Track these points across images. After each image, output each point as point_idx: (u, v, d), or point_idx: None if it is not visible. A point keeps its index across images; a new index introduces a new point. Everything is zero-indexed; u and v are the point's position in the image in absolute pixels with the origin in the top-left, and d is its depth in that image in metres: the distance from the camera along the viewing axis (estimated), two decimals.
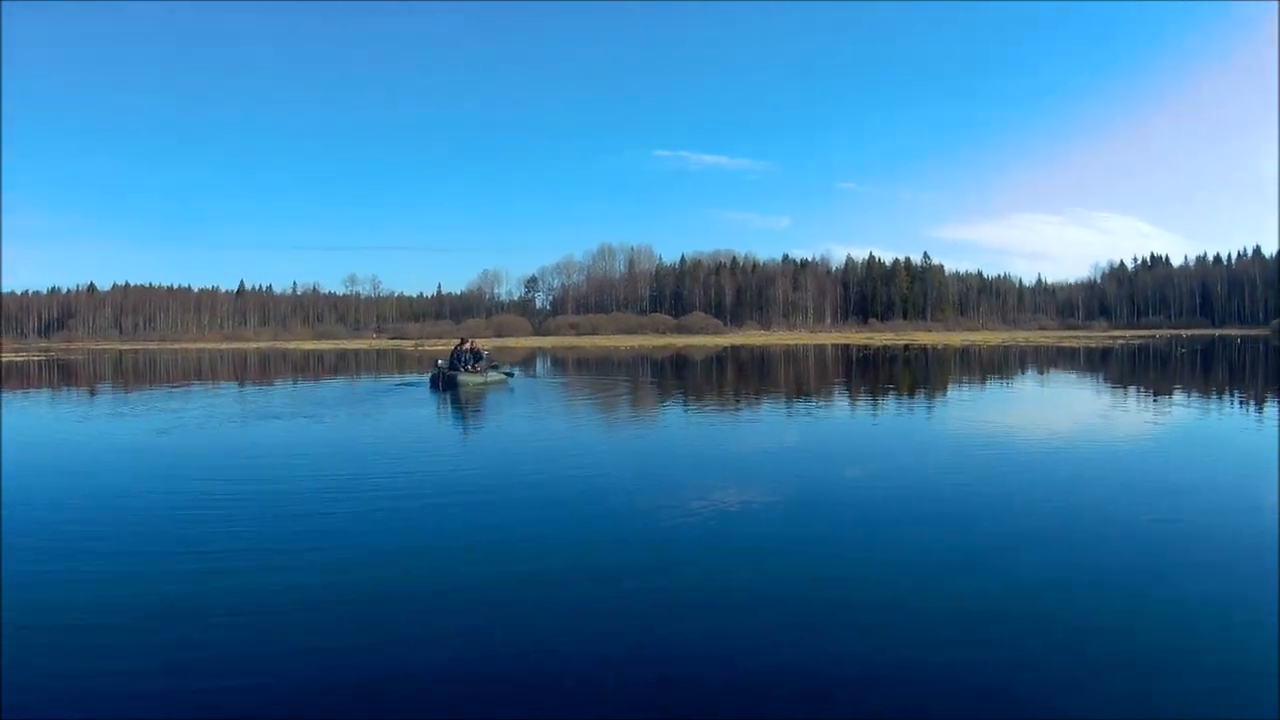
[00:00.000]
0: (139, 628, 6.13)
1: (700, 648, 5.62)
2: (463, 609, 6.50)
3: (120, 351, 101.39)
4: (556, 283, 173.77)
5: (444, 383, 28.45)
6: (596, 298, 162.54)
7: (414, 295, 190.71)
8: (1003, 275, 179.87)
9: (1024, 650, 5.51)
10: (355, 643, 5.80)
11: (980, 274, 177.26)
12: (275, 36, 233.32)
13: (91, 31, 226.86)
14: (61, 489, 11.72)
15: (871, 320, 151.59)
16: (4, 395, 30.90)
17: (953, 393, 26.87)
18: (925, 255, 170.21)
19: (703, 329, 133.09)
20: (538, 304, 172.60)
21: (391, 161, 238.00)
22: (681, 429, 18.39)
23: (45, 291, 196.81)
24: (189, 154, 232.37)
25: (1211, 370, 37.08)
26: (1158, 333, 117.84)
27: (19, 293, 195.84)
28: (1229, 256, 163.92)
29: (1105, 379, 32.35)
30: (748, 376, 36.58)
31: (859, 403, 23.55)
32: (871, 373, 37.57)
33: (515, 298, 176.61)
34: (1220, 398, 23.74)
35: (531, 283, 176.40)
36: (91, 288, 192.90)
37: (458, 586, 7.08)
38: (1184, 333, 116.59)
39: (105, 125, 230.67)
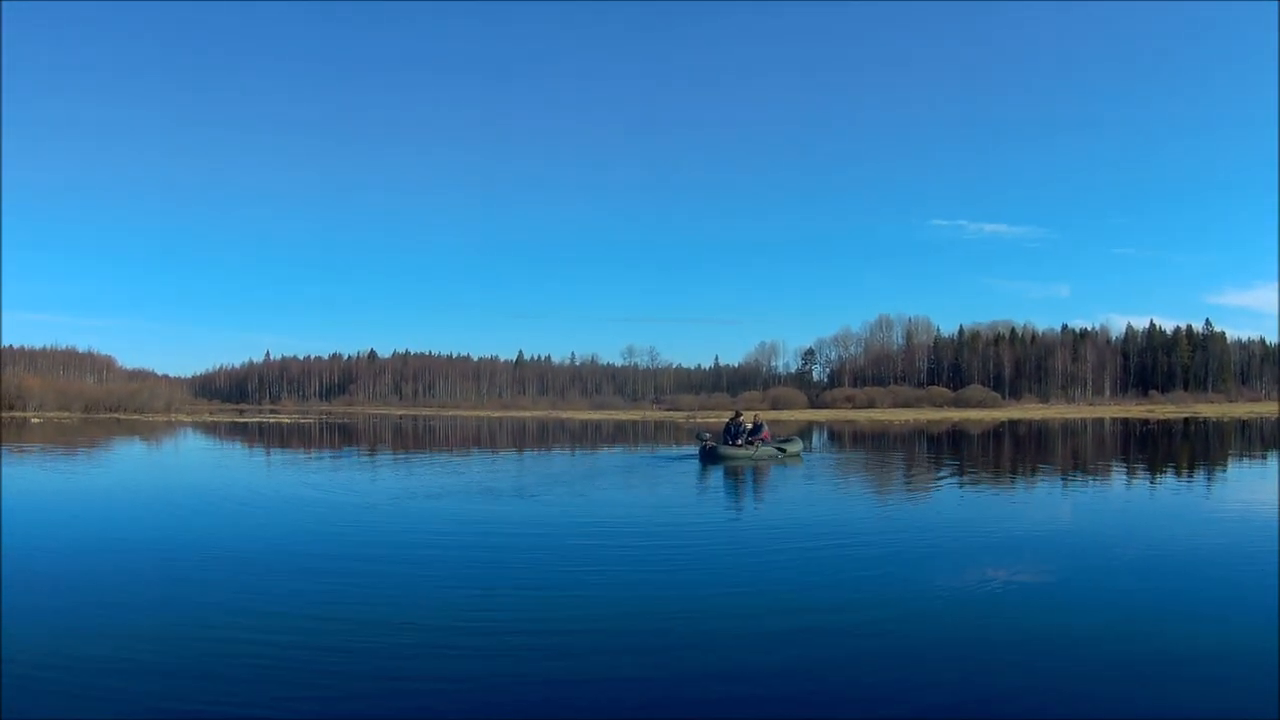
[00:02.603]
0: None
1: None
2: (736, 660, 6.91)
3: (399, 416, 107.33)
4: (833, 355, 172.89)
5: (710, 456, 28.37)
6: (873, 370, 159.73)
7: (691, 367, 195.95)
8: None
9: None
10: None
11: (1263, 340, 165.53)
12: (575, 131, 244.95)
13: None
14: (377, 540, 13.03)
15: (1151, 392, 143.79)
16: (291, 454, 34.25)
17: (1234, 470, 26.06)
18: (1207, 322, 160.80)
19: (980, 402, 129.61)
20: (814, 376, 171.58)
21: (666, 233, 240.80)
22: (953, 505, 18.16)
23: (326, 357, 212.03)
24: (474, 227, 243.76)
25: None
26: None
27: (300, 357, 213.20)
28: None
29: None
30: (1025, 452, 35.90)
31: (1136, 480, 23.11)
32: (1151, 448, 36.43)
33: (792, 370, 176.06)
34: None
35: (808, 355, 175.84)
36: (372, 354, 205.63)
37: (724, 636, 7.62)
38: None
39: (394, 199, 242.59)
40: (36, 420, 66.59)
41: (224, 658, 6.86)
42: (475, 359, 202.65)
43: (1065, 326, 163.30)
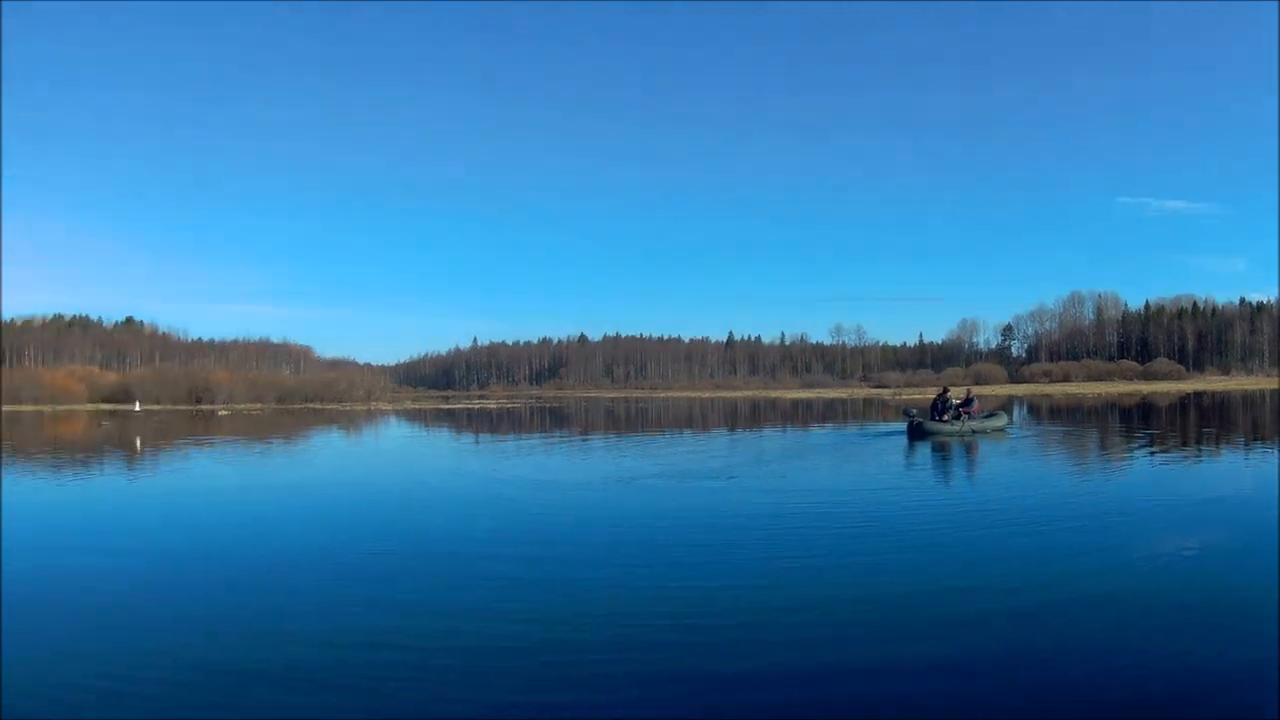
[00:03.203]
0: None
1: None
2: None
3: (612, 399, 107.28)
4: (1030, 330, 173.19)
5: (917, 431, 28.47)
6: (1067, 344, 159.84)
7: (897, 344, 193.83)
8: None
9: None
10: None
11: None
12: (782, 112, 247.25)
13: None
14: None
15: None
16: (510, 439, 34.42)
17: None
18: None
19: (1167, 375, 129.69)
20: (1013, 352, 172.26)
21: (875, 211, 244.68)
22: (1138, 477, 18.37)
23: (536, 341, 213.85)
24: (677, 212, 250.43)
25: None
26: None
27: (509, 343, 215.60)
28: None
29: None
30: (1203, 424, 35.87)
31: None
32: None
33: (992, 346, 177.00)
34: None
35: (1007, 331, 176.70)
36: (583, 338, 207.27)
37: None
38: None
39: (598, 186, 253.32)
40: (224, 413, 64.87)
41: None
42: (686, 340, 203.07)
43: (1243, 300, 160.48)
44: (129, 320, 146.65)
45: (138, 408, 76.19)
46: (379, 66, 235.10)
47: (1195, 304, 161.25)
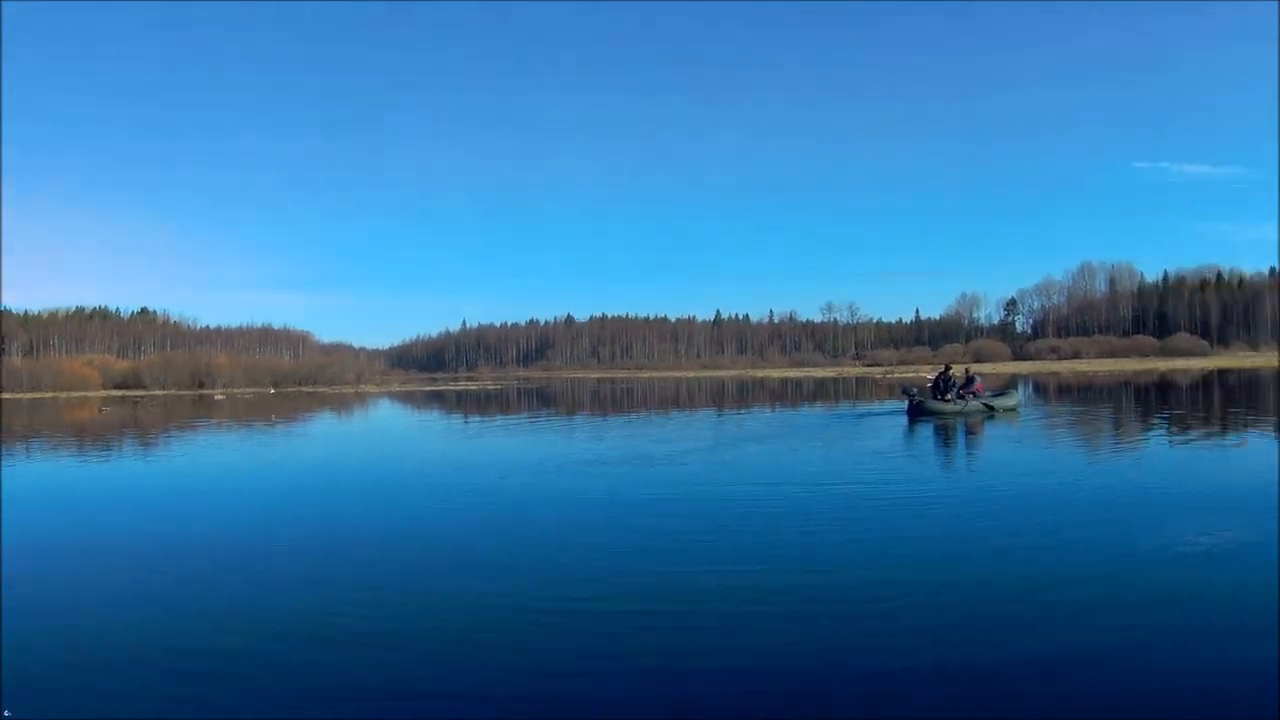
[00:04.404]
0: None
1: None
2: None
3: (598, 380, 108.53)
4: (1036, 305, 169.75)
5: (918, 411, 27.95)
6: (1077, 319, 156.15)
7: (891, 321, 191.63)
8: None
9: None
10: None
11: None
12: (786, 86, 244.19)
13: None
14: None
15: None
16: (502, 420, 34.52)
17: None
18: None
19: (1188, 351, 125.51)
20: (1017, 327, 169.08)
21: (865, 187, 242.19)
22: (1157, 460, 17.80)
23: (524, 323, 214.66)
24: (663, 190, 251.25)
25: None
26: None
27: (496, 325, 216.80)
28: None
29: None
30: (1228, 405, 33.85)
31: None
32: None
33: (994, 321, 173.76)
34: None
35: (1010, 305, 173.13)
36: (569, 319, 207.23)
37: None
38: None
39: (589, 167, 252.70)
40: (220, 397, 69.08)
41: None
42: (673, 320, 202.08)
43: (1274, 269, 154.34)
44: (143, 310, 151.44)
45: (140, 395, 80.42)
46: (361, 58, 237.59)
47: (1220, 274, 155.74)
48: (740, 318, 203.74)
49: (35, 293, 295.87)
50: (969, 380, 29.42)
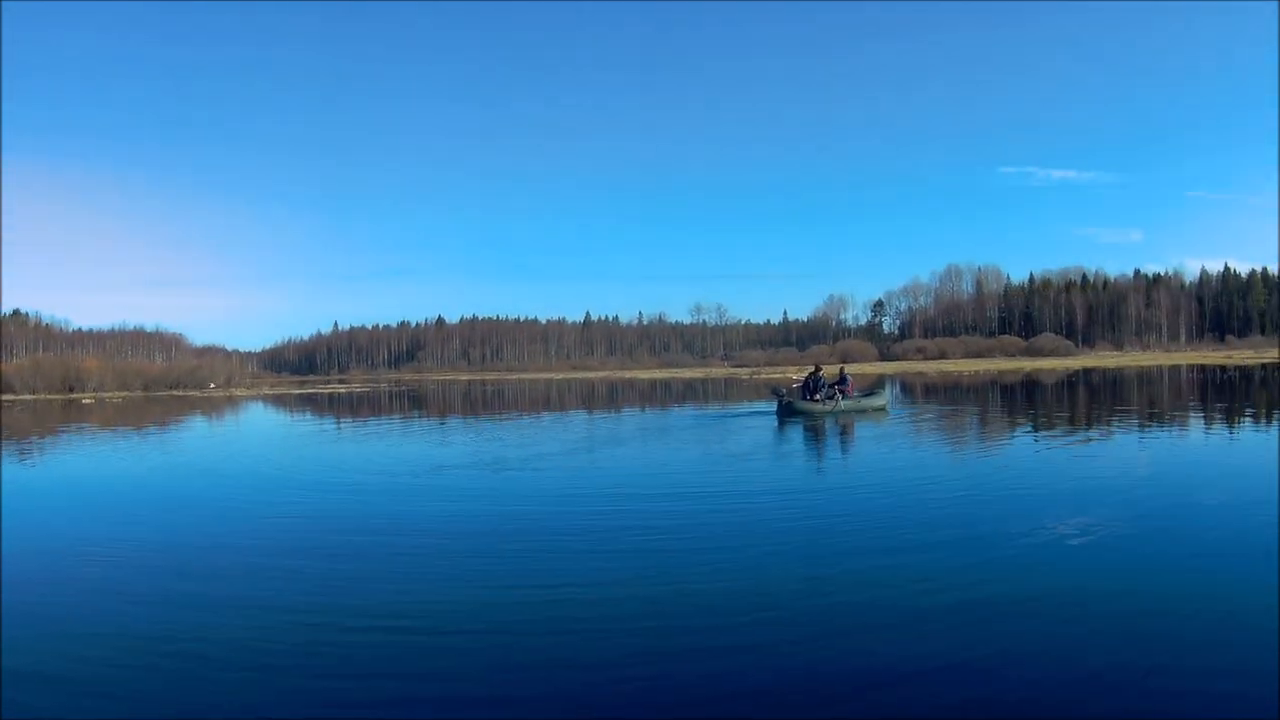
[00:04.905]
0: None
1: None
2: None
3: (468, 382, 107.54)
4: (903, 306, 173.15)
5: (788, 411, 27.97)
6: (944, 320, 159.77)
7: (760, 323, 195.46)
8: None
9: None
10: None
11: None
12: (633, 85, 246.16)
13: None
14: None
15: (1228, 337, 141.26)
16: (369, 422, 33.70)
17: None
18: None
19: (1053, 351, 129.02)
20: (885, 328, 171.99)
21: (736, 189, 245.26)
22: (1029, 457, 17.64)
23: (395, 325, 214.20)
24: (536, 193, 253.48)
25: None
26: None
27: (369, 327, 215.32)
28: None
29: None
30: (1093, 402, 34.56)
31: (1211, 429, 22.48)
32: (1230, 396, 35.01)
33: (861, 323, 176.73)
34: None
35: (878, 307, 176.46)
36: (440, 321, 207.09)
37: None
38: None
39: (452, 170, 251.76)
40: (88, 401, 66.95)
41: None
42: (543, 321, 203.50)
43: (1138, 272, 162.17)
44: (15, 313, 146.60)
45: (11, 399, 76.93)
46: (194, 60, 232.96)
47: (1085, 276, 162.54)
48: (610, 319, 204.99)
49: None
50: (842, 379, 29.50)
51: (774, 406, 29.15)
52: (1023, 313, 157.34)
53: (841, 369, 31.46)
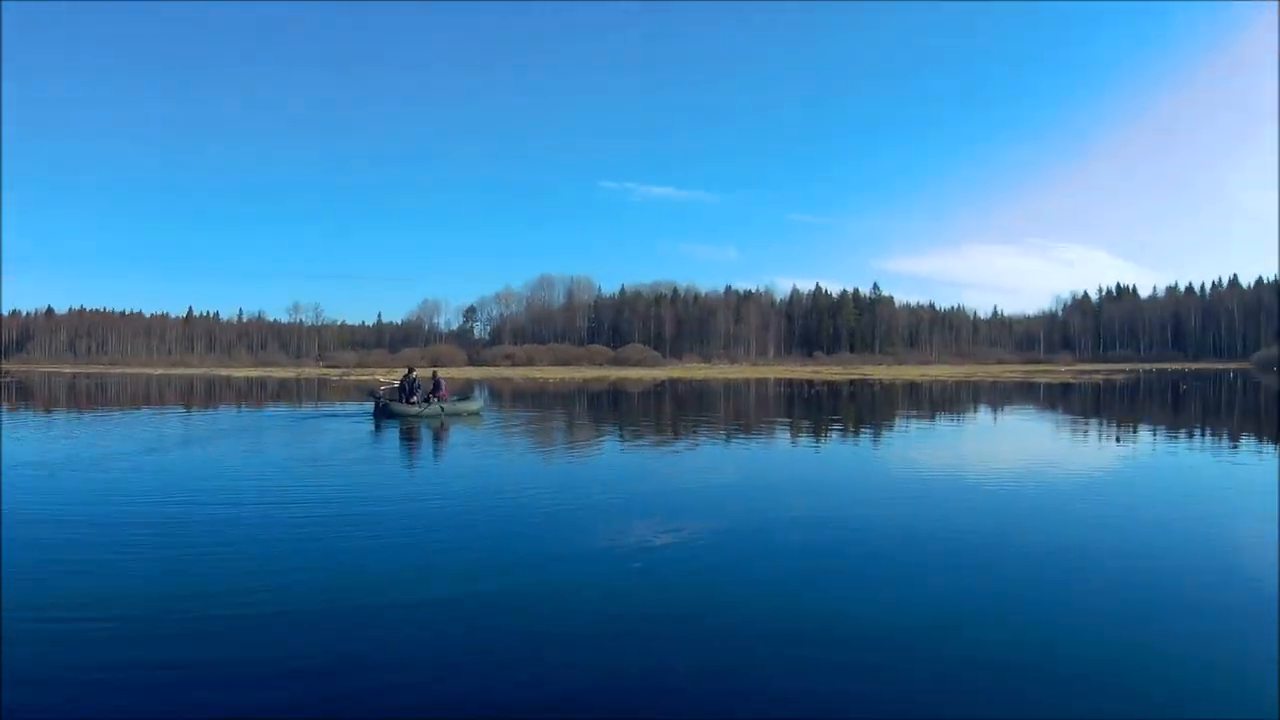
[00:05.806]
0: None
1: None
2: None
3: (73, 375, 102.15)
4: (495, 313, 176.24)
5: (384, 413, 28.41)
6: (534, 329, 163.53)
7: (355, 324, 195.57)
8: (956, 307, 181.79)
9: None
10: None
11: (932, 306, 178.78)
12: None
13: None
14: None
15: (817, 353, 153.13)
16: None
17: (895, 433, 26.83)
18: (875, 286, 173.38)
19: (640, 361, 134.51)
20: (476, 334, 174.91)
21: (339, 187, 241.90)
22: (615, 464, 18.47)
23: (7, 314, 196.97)
24: (145, 183, 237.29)
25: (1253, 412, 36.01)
26: (1141, 367, 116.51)
27: None
28: (1202, 287, 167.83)
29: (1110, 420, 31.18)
30: (678, 412, 36.27)
31: (794, 443, 23.69)
32: (813, 412, 36.39)
33: (454, 328, 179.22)
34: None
35: (470, 313, 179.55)
36: (50, 311, 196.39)
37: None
38: (1166, 366, 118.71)
39: (69, 154, 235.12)
40: None
41: None
42: (147, 315, 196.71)
43: (729, 288, 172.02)
44: None
45: None
46: None
47: (676, 290, 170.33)
48: (211, 315, 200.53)
49: None
50: (436, 384, 30.06)
51: (370, 408, 29.78)
52: (612, 323, 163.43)
53: (434, 373, 32.02)
